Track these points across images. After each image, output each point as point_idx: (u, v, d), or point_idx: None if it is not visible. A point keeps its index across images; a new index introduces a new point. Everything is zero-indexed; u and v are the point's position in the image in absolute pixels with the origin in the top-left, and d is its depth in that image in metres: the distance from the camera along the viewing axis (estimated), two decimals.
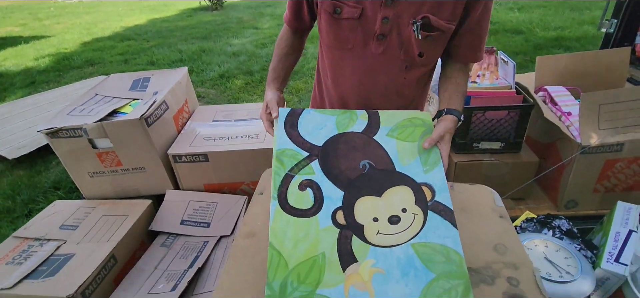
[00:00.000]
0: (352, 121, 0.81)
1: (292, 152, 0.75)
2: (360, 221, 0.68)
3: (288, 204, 0.69)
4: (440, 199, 0.71)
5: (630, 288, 0.96)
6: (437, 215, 0.69)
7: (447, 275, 0.62)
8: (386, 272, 0.62)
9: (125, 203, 1.38)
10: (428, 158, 0.76)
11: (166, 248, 1.23)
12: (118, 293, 1.08)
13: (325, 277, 0.62)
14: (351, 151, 0.76)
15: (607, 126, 1.21)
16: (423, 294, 0.60)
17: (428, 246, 0.65)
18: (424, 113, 0.83)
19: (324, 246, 0.65)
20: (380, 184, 0.72)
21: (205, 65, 3.73)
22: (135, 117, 1.27)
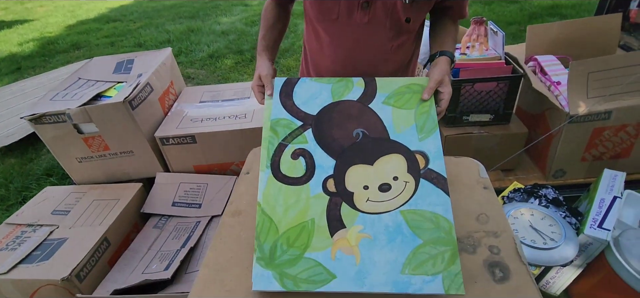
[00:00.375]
0: (347, 89, 0.80)
1: (286, 122, 0.76)
2: (351, 189, 0.69)
3: (280, 172, 0.70)
4: (434, 166, 0.71)
5: (612, 252, 0.99)
6: (429, 183, 0.69)
7: (435, 242, 0.63)
8: (373, 237, 0.64)
9: (116, 187, 1.38)
10: (424, 125, 0.75)
11: (159, 229, 1.24)
12: (113, 275, 1.10)
13: (314, 242, 0.64)
14: (345, 120, 0.76)
15: (596, 95, 1.20)
16: (408, 260, 0.61)
17: (417, 213, 0.66)
18: (423, 78, 0.81)
19: (313, 213, 0.66)
20: (372, 152, 0.72)
21: (194, 45, 3.65)
22: (119, 100, 1.25)
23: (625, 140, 1.27)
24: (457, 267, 0.61)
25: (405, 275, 0.60)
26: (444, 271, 0.61)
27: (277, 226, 0.65)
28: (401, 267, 0.61)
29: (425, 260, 0.62)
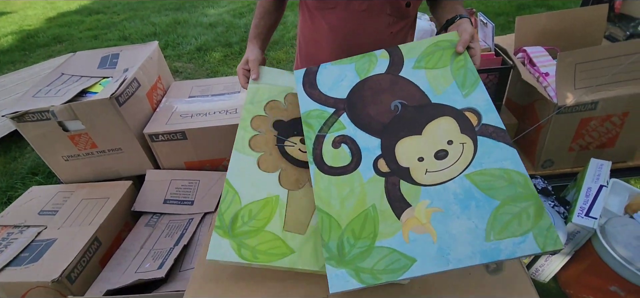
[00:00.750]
0: (372, 64, 0.77)
1: (317, 112, 0.73)
2: (405, 164, 0.64)
3: (325, 165, 0.67)
4: (488, 120, 0.65)
5: (598, 240, 1.01)
6: (488, 139, 0.63)
7: (513, 199, 0.57)
8: (444, 209, 0.59)
9: (105, 185, 1.35)
10: (465, 80, 0.70)
11: (151, 227, 1.23)
12: (105, 275, 1.08)
13: (381, 228, 0.60)
14: (378, 95, 0.72)
15: (583, 85, 1.22)
16: (490, 224, 0.56)
17: (484, 173, 0.61)
18: (450, 33, 0.77)
19: (372, 198, 0.62)
20: (417, 121, 0.67)
21: (181, 38, 3.58)
22: (105, 96, 1.22)
23: (611, 130, 1.30)
24: (546, 220, 0.55)
25: (492, 242, 0.55)
26: (533, 228, 0.55)
27: (337, 222, 0.62)
28: (484, 234, 0.56)
29: (509, 221, 0.56)
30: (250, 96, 0.83)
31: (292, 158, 0.76)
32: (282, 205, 0.69)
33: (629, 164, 1.39)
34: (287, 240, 0.66)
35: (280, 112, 0.81)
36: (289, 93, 0.84)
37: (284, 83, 0.86)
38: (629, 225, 1.05)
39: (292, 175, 0.73)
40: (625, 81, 1.22)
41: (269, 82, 0.86)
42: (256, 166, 0.73)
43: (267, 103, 0.82)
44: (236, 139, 0.75)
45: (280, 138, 0.77)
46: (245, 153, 0.74)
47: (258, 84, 0.85)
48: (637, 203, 1.14)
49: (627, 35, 2.19)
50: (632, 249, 0.98)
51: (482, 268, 0.67)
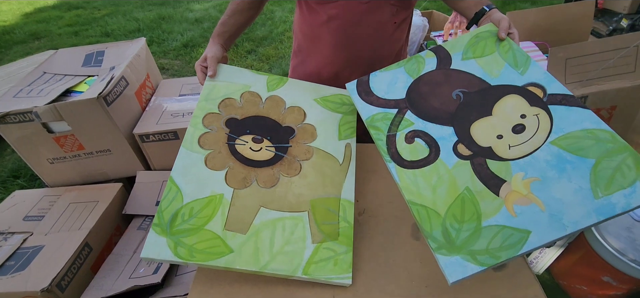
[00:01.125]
0: (420, 64, 0.79)
1: (381, 115, 0.75)
2: (485, 145, 0.65)
3: (405, 160, 0.67)
4: (554, 90, 0.67)
5: (591, 232, 1.04)
6: (560, 106, 0.65)
7: (608, 154, 0.58)
8: (541, 178, 0.59)
9: (94, 188, 1.31)
10: (516, 60, 0.72)
11: (144, 231, 1.19)
12: (97, 281, 1.04)
13: (483, 208, 0.59)
14: (437, 88, 0.73)
15: (573, 80, 1.25)
16: (593, 182, 0.56)
17: (569, 137, 0.61)
18: (487, 25, 0.80)
19: (463, 182, 0.62)
20: (484, 103, 0.68)
21: (166, 34, 3.49)
22: (93, 96, 1.17)
23: None
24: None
25: (602, 198, 0.55)
26: (638, 176, 0.55)
27: (435, 210, 0.61)
28: (591, 192, 0.56)
29: (612, 175, 0.56)
30: (206, 93, 0.82)
31: (242, 156, 0.75)
32: (226, 203, 0.69)
33: None
34: (227, 240, 0.66)
35: (235, 110, 0.81)
36: (246, 91, 0.85)
37: (242, 81, 0.86)
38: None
39: (239, 174, 0.73)
40: (613, 76, 1.25)
41: (227, 80, 0.86)
42: (203, 163, 0.73)
43: (221, 101, 0.82)
44: (185, 136, 0.75)
45: (231, 136, 0.77)
46: (193, 150, 0.74)
47: (214, 81, 0.85)
48: None
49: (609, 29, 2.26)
50: (623, 240, 1.01)
51: None
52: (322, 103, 0.87)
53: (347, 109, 0.87)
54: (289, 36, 3.31)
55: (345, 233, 0.70)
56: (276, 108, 0.84)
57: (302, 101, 0.86)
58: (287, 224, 0.69)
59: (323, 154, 0.79)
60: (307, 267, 0.65)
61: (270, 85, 0.87)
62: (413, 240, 0.74)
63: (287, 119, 0.83)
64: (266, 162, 0.75)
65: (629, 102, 1.28)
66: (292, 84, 0.89)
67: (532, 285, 0.64)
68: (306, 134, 0.81)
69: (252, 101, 0.83)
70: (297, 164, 0.76)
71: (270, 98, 0.85)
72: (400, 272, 0.68)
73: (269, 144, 0.78)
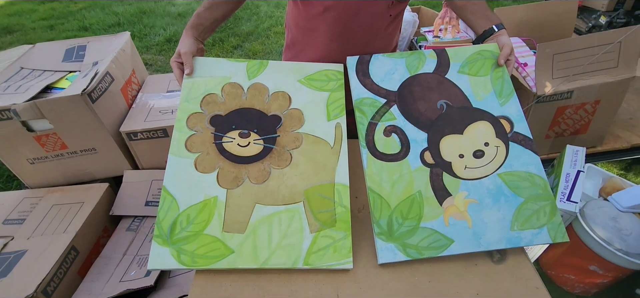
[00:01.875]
0: (421, 62, 0.83)
1: (370, 100, 0.79)
2: (447, 159, 0.73)
3: (377, 151, 0.74)
4: (519, 129, 0.75)
5: (579, 222, 1.07)
6: (518, 145, 0.74)
7: (534, 198, 0.70)
8: (479, 201, 0.69)
9: (79, 189, 1.25)
10: (502, 90, 0.79)
11: (133, 232, 1.15)
12: (86, 286, 1.00)
13: (426, 212, 0.69)
14: (427, 92, 0.78)
15: (560, 75, 1.28)
16: (515, 217, 0.68)
17: (513, 174, 0.72)
18: (491, 44, 0.84)
19: (418, 185, 0.71)
20: (460, 121, 0.75)
21: (148, 29, 3.38)
22: (76, 92, 1.12)
23: (584, 117, 1.38)
24: (558, 217, 0.69)
25: (516, 231, 0.67)
26: (548, 223, 0.68)
27: (387, 202, 0.69)
28: (510, 224, 0.68)
29: (529, 216, 0.69)
30: (186, 92, 0.79)
31: (230, 154, 0.74)
32: (221, 205, 0.69)
33: (598, 149, 1.48)
34: (227, 241, 0.67)
35: (217, 106, 0.79)
36: (227, 84, 0.81)
37: (221, 73, 0.83)
38: (604, 207, 1.11)
39: (230, 173, 0.72)
40: (598, 71, 1.29)
41: (205, 74, 0.82)
42: (193, 167, 0.72)
43: (203, 98, 0.79)
44: (172, 142, 0.73)
45: (218, 135, 0.76)
46: (181, 155, 0.72)
47: (193, 78, 0.81)
48: (610, 186, 1.21)
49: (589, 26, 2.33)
50: (609, 230, 1.05)
51: (488, 259, 0.69)
52: (307, 83, 0.83)
53: (334, 85, 0.84)
54: (276, 31, 3.27)
55: (342, 218, 0.70)
56: (259, 97, 0.80)
57: (285, 85, 0.82)
58: (283, 218, 0.69)
59: (313, 140, 0.77)
60: (307, 257, 0.66)
61: (250, 72, 0.83)
62: None
63: (273, 107, 0.80)
64: (255, 157, 0.74)
65: (611, 97, 1.32)
66: (273, 68, 0.84)
67: (533, 278, 0.65)
68: (293, 121, 0.79)
69: (234, 93, 0.80)
70: (287, 155, 0.75)
71: (252, 87, 0.81)
72: (401, 267, 0.68)
73: (256, 137, 0.76)
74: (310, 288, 0.65)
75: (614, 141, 1.49)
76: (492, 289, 0.64)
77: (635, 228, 1.05)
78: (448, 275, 0.66)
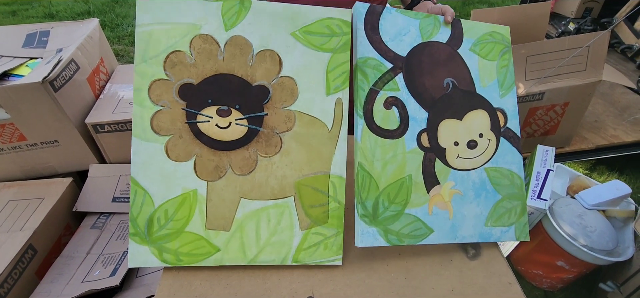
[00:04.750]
0: (436, 28, 0.73)
1: (375, 62, 0.67)
2: (443, 145, 0.69)
3: (374, 123, 0.66)
4: (511, 126, 0.74)
5: (548, 219, 1.11)
6: (508, 142, 0.73)
7: (510, 197, 0.71)
8: (463, 193, 0.69)
9: (39, 184, 1.17)
10: (505, 81, 0.75)
11: (98, 229, 1.09)
12: (44, 287, 0.94)
13: (412, 198, 0.66)
14: (435, 67, 0.71)
15: (533, 77, 1.32)
16: (490, 214, 0.70)
17: (498, 171, 0.71)
18: (503, 27, 0.79)
19: (410, 169, 0.67)
20: (462, 106, 0.71)
21: (121, 19, 3.24)
22: (36, 80, 1.04)
23: (554, 118, 1.43)
24: (525, 218, 0.72)
25: (488, 227, 0.69)
26: (516, 222, 0.71)
27: (377, 183, 0.65)
28: (485, 220, 0.69)
29: (503, 214, 0.70)
30: (142, 48, 0.59)
31: (208, 138, 0.61)
32: (202, 199, 0.62)
33: (566, 149, 1.54)
34: (211, 239, 0.62)
35: (187, 69, 0.60)
36: (196, 36, 0.60)
37: (188, 19, 0.60)
38: (571, 204, 1.15)
39: (209, 162, 0.61)
40: (568, 74, 1.34)
41: (165, 20, 0.60)
42: (164, 154, 0.60)
43: (166, 57, 0.59)
44: (134, 120, 0.59)
45: (190, 112, 0.61)
46: (147, 138, 0.59)
47: (149, 26, 0.59)
48: (577, 184, 1.26)
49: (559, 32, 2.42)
50: (575, 226, 1.08)
51: (463, 255, 0.69)
52: (304, 39, 0.64)
53: (338, 43, 0.65)
54: None
55: (335, 215, 0.65)
56: (241, 57, 0.62)
57: (275, 40, 0.63)
58: (272, 214, 0.64)
59: (307, 120, 0.64)
60: (297, 254, 0.64)
61: (227, 18, 0.62)
62: None
63: (258, 73, 0.62)
64: (239, 141, 0.62)
65: (580, 99, 1.38)
66: (258, 12, 0.62)
67: (506, 274, 0.66)
68: (284, 93, 0.63)
69: (207, 50, 0.60)
70: (276, 139, 0.63)
71: (231, 42, 0.61)
72: (377, 263, 0.67)
73: (238, 115, 0.62)
74: (285, 287, 0.63)
75: (580, 142, 1.56)
76: (466, 285, 0.64)
77: (599, 225, 1.10)
78: (424, 271, 0.66)
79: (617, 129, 1.60)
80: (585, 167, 1.71)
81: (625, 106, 1.76)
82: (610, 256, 1.05)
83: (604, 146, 1.54)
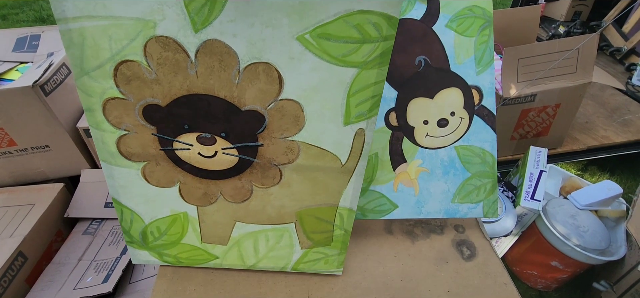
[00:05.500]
0: (410, 5, 0.71)
1: None
2: (412, 123, 0.68)
3: None
4: (487, 103, 0.71)
5: (542, 220, 1.12)
6: (481, 120, 0.70)
7: (480, 175, 0.70)
8: (430, 171, 0.69)
9: (29, 190, 1.15)
10: (482, 57, 0.72)
11: (90, 235, 1.07)
12: (35, 295, 0.92)
13: (378, 175, 0.67)
14: (409, 44, 0.69)
15: (525, 79, 1.33)
16: (458, 191, 0.69)
17: (468, 149, 0.70)
18: (485, 1, 0.74)
19: (376, 147, 0.67)
20: (434, 84, 0.69)
21: None
22: (27, 84, 1.02)
23: (546, 120, 1.44)
24: (494, 195, 0.71)
25: (455, 204, 0.69)
26: (485, 199, 0.70)
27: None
28: (452, 196, 0.69)
29: (471, 191, 0.70)
30: (76, 54, 0.41)
31: (191, 166, 0.50)
32: (194, 220, 0.57)
33: (558, 150, 1.56)
34: (209, 250, 0.62)
35: (148, 87, 0.43)
36: (152, 38, 0.40)
37: (135, 11, 0.39)
38: (564, 205, 1.17)
39: (196, 189, 0.53)
40: (558, 76, 1.35)
41: (99, 12, 0.39)
42: (142, 179, 0.51)
43: (115, 69, 0.42)
44: (96, 146, 0.48)
45: (165, 139, 0.48)
46: (118, 163, 0.49)
47: (79, 23, 0.39)
48: (569, 185, 1.27)
49: (549, 35, 2.46)
50: (568, 226, 1.09)
51: (459, 256, 0.69)
52: (317, 47, 0.42)
53: (371, 51, 0.43)
54: None
55: (339, 240, 0.61)
56: (222, 72, 0.42)
57: (272, 47, 0.41)
58: (270, 235, 0.60)
59: (315, 153, 0.50)
60: (296, 265, 0.64)
61: (195, 13, 0.39)
62: (386, 234, 0.73)
63: (248, 95, 0.44)
64: (228, 171, 0.51)
65: (571, 101, 1.39)
66: (243, 3, 0.39)
67: (501, 274, 0.66)
68: (286, 121, 0.47)
69: (172, 60, 0.41)
70: (275, 171, 0.52)
71: (204, 49, 0.41)
72: (373, 266, 0.67)
73: (226, 144, 0.49)
74: (280, 290, 0.63)
75: (572, 143, 1.58)
76: (462, 286, 0.65)
77: (591, 225, 1.11)
78: (420, 273, 0.66)
79: (607, 130, 1.63)
80: (578, 168, 1.73)
81: (615, 107, 1.79)
82: (603, 255, 1.06)
83: (595, 146, 1.56)
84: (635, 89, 1.87)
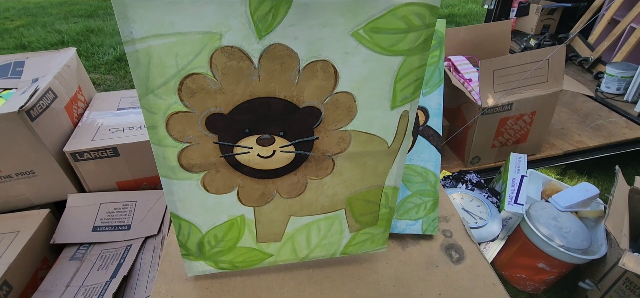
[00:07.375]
0: None
1: None
2: None
3: None
4: (432, 124, 0.71)
5: (526, 223, 1.16)
6: (425, 140, 0.71)
7: (421, 193, 0.71)
8: None
9: (13, 217, 1.12)
10: (431, 78, 0.71)
11: (78, 261, 1.05)
12: None
13: None
14: None
15: (500, 89, 1.40)
16: (397, 207, 0.70)
17: (410, 168, 0.70)
18: (439, 20, 0.69)
19: None
20: None
21: (96, 47, 3.20)
22: (12, 110, 1.02)
23: (523, 127, 1.51)
24: (435, 214, 0.71)
25: (394, 220, 0.69)
26: (424, 217, 0.71)
27: None
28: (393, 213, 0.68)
29: (410, 208, 0.71)
30: (142, 73, 0.41)
31: (250, 169, 0.52)
32: (250, 222, 0.58)
33: (537, 156, 1.63)
34: (263, 249, 0.64)
35: (212, 97, 0.45)
36: (218, 49, 0.42)
37: (203, 25, 0.40)
38: (546, 208, 1.21)
39: (254, 191, 0.55)
40: (532, 85, 1.43)
41: (167, 30, 0.39)
42: (202, 189, 0.53)
43: (180, 83, 0.43)
44: (157, 161, 0.49)
45: (225, 146, 0.50)
46: (178, 177, 0.51)
47: (146, 42, 0.40)
48: (550, 188, 1.33)
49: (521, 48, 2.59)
50: (551, 228, 1.14)
51: (448, 260, 0.71)
52: (369, 40, 0.45)
53: (416, 40, 0.46)
54: None
55: (384, 218, 0.64)
56: (283, 74, 0.45)
57: (329, 45, 0.44)
58: (322, 224, 0.62)
59: (364, 139, 0.53)
60: (345, 249, 0.67)
61: (260, 20, 0.41)
62: None
63: (306, 92, 0.47)
64: (285, 168, 0.54)
65: (545, 108, 1.47)
66: (304, 6, 0.41)
67: (489, 275, 0.68)
68: (339, 113, 0.50)
69: (236, 69, 0.43)
70: (328, 162, 0.54)
71: (267, 54, 0.43)
72: (367, 273, 0.69)
73: (283, 142, 0.51)
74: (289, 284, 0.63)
75: (549, 148, 1.65)
76: (453, 288, 0.66)
77: (573, 225, 1.16)
78: (412, 278, 0.68)
79: (582, 135, 1.71)
80: (557, 172, 1.80)
81: (587, 113, 1.89)
82: (586, 254, 1.11)
83: (571, 151, 1.64)
84: (604, 96, 1.99)
